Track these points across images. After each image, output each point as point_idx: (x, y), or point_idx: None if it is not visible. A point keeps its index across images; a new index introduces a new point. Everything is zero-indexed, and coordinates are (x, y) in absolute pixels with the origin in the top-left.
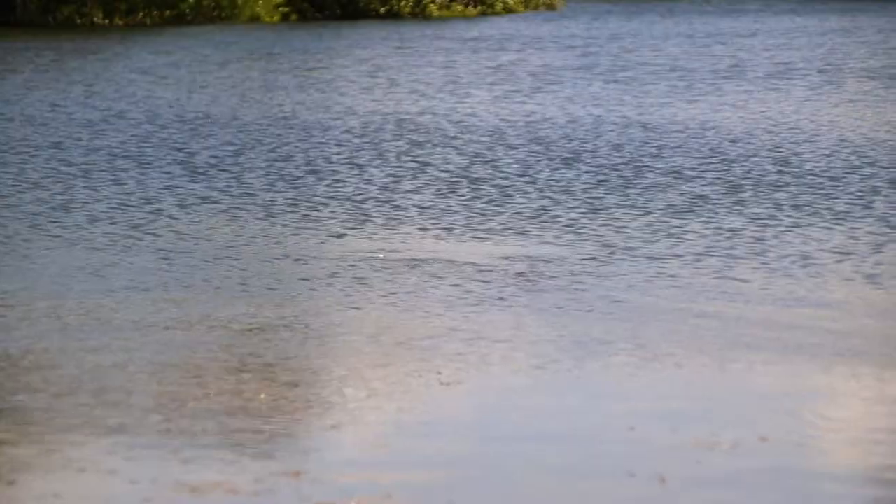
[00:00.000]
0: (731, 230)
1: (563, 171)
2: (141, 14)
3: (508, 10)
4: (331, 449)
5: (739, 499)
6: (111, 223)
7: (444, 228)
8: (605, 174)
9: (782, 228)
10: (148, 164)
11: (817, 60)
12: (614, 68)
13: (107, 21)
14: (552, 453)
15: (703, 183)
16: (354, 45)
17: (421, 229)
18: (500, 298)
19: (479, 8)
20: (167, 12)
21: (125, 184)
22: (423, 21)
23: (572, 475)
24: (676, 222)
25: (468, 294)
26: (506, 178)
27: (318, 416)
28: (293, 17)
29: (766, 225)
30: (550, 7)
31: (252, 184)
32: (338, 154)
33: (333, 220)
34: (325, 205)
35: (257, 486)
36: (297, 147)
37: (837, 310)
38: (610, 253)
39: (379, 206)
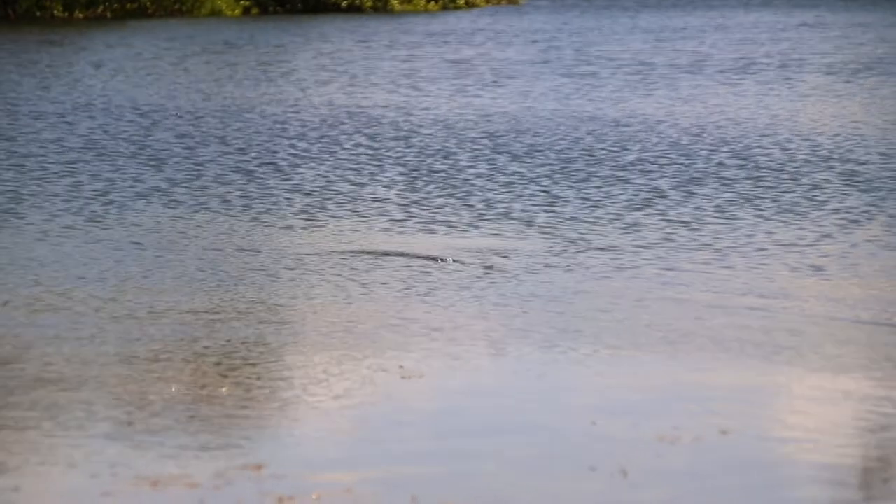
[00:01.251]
0: (686, 223)
1: (521, 164)
2: (101, 7)
3: (470, 5)
4: (292, 443)
5: (700, 491)
6: (66, 214)
7: (403, 222)
8: (563, 167)
9: (737, 221)
10: (106, 155)
11: (779, 55)
12: (575, 63)
13: (67, 14)
14: (514, 448)
15: (660, 176)
16: (315, 38)
17: (380, 222)
18: (461, 292)
19: (441, 2)
20: (128, 5)
21: (81, 175)
22: (385, 15)
23: (534, 469)
24: (633, 215)
25: (429, 288)
26: (464, 172)
27: (279, 410)
28: (254, 10)
29: (721, 217)
30: (512, 2)
31: (209, 176)
32: (295, 147)
33: (292, 213)
34: (285, 198)
35: (218, 479)
36: (254, 140)
37: (795, 303)
38: (568, 245)
39: (338, 199)
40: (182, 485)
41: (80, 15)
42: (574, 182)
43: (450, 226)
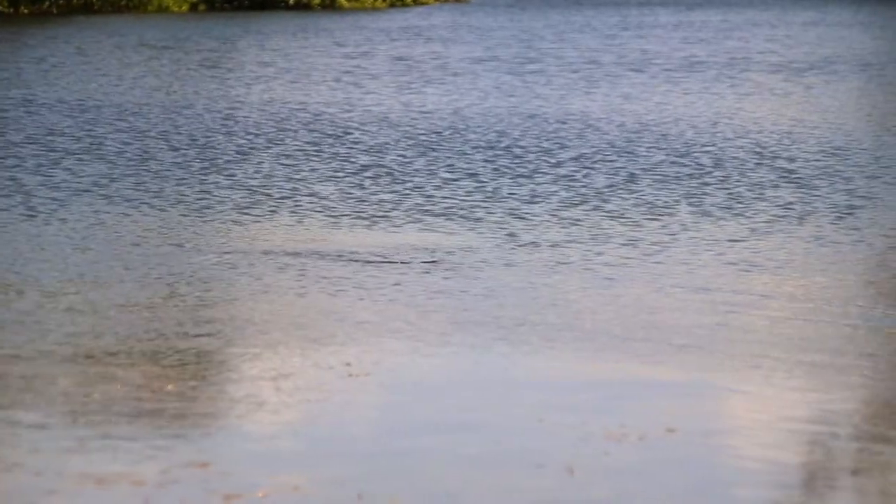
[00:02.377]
0: (627, 219)
1: (464, 160)
2: (47, 3)
3: (418, 3)
4: (238, 441)
5: (647, 489)
6: (5, 210)
7: (346, 218)
8: (505, 164)
9: (677, 217)
10: (51, 151)
11: (724, 54)
12: (521, 60)
13: (12, 10)
14: (461, 445)
15: (601, 173)
16: (261, 35)
17: (325, 219)
18: (407, 289)
19: (388, 0)
20: (74, 1)
21: (20, 171)
22: (333, 12)
23: (481, 467)
24: (573, 211)
25: (376, 285)
26: (406, 168)
27: (225, 407)
28: (201, 7)
29: (661, 214)
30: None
31: (152, 171)
32: (239, 143)
33: (237, 210)
34: (229, 194)
35: (164, 477)
36: (198, 136)
37: (737, 299)
38: (510, 242)
39: (282, 195)
40: (128, 483)
41: (26, 11)
42: (515, 178)
43: (392, 222)
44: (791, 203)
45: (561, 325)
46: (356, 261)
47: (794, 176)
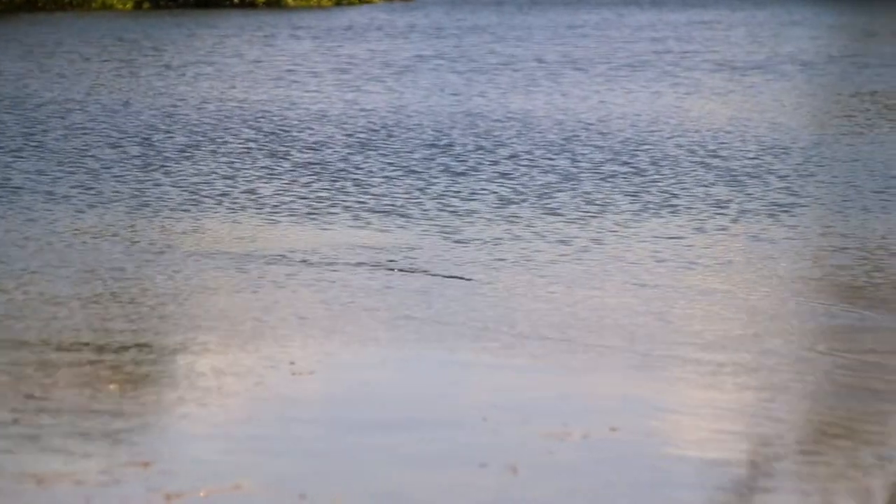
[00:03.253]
0: (566, 217)
1: (405, 158)
2: None
3: (365, 1)
4: (181, 439)
5: (590, 488)
6: None
7: (289, 216)
8: (447, 162)
9: (616, 215)
10: None
11: (669, 53)
12: (466, 59)
13: None
14: (405, 443)
15: (542, 170)
16: (206, 33)
17: (265, 217)
18: (351, 289)
19: None
20: None
21: None
22: (278, 11)
23: (424, 465)
24: (513, 209)
25: (319, 283)
26: (351, 167)
27: (167, 405)
28: (146, 5)
29: (601, 212)
30: None
31: (94, 169)
32: (182, 141)
33: (177, 208)
34: (169, 192)
35: (105, 477)
36: (140, 133)
37: (678, 298)
38: (451, 241)
39: (222, 193)
40: (68, 482)
41: None
42: (455, 176)
43: (332, 220)
44: (728, 200)
45: (502, 323)
46: (298, 259)
47: (731, 174)
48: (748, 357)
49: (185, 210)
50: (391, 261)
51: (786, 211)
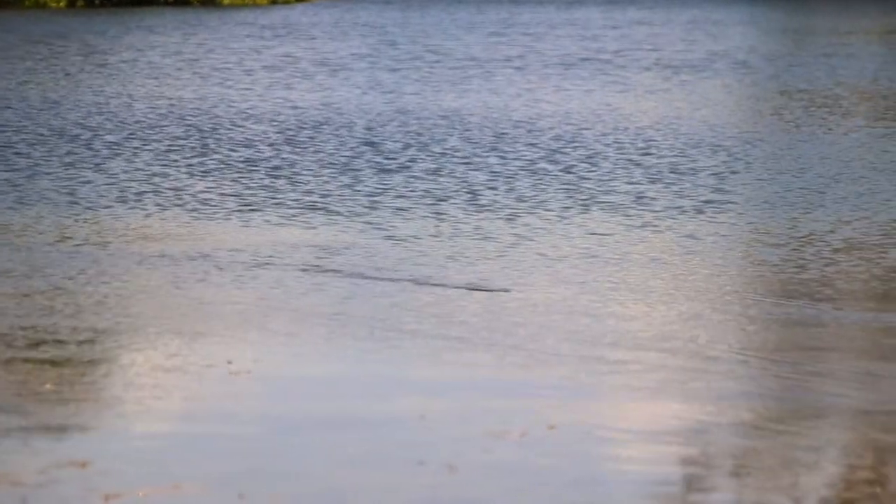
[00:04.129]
0: (496, 215)
1: (337, 156)
2: None
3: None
4: (118, 440)
5: (528, 486)
6: None
7: (222, 214)
8: (380, 160)
9: (546, 213)
10: None
11: (605, 52)
12: (404, 57)
13: None
14: (343, 442)
15: (473, 168)
16: (140, 31)
17: (199, 216)
18: (287, 287)
19: None
20: None
21: None
22: (213, 9)
23: (363, 464)
24: (444, 206)
25: (253, 282)
26: (283, 165)
27: (105, 405)
28: (80, 3)
29: (531, 209)
30: None
31: (25, 168)
32: (115, 139)
33: (110, 208)
34: (101, 191)
35: (42, 477)
36: (73, 132)
37: (610, 295)
38: (385, 239)
39: (155, 191)
40: (6, 483)
41: None
42: (388, 174)
43: (266, 218)
44: (658, 198)
45: (437, 323)
46: (232, 257)
47: (662, 171)
48: (683, 355)
49: (116, 208)
50: (323, 258)
51: (715, 208)
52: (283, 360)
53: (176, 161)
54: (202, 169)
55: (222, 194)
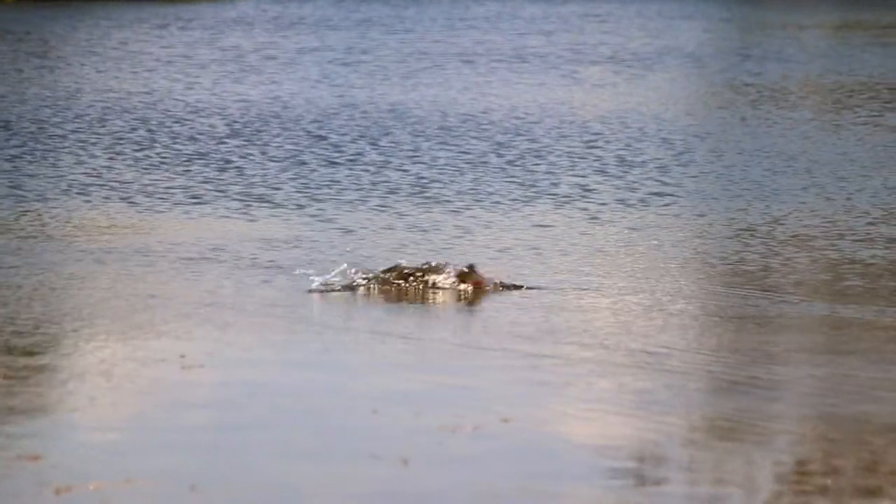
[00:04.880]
0: (447, 208)
1: (289, 150)
2: None
3: None
4: (71, 433)
5: (481, 478)
6: None
7: (170, 208)
8: (332, 153)
9: (497, 206)
10: None
11: (557, 46)
12: (353, 51)
13: None
14: (296, 436)
15: (421, 161)
16: (92, 25)
17: (147, 210)
18: (238, 282)
19: None
20: None
21: None
22: (164, 3)
23: (316, 458)
24: (392, 199)
25: (204, 276)
26: (232, 158)
27: (58, 400)
28: None
29: (481, 202)
30: None
31: None
32: (65, 134)
33: (56, 201)
34: (49, 185)
35: None
36: (23, 127)
37: (560, 290)
38: (339, 232)
39: (101, 185)
40: None
41: None
42: (337, 167)
43: (213, 212)
44: (605, 190)
45: (389, 317)
46: (181, 251)
47: (610, 164)
48: (629, 349)
49: (62, 201)
50: (270, 251)
51: (660, 200)
52: (236, 354)
53: (122, 154)
54: (149, 162)
55: (169, 187)
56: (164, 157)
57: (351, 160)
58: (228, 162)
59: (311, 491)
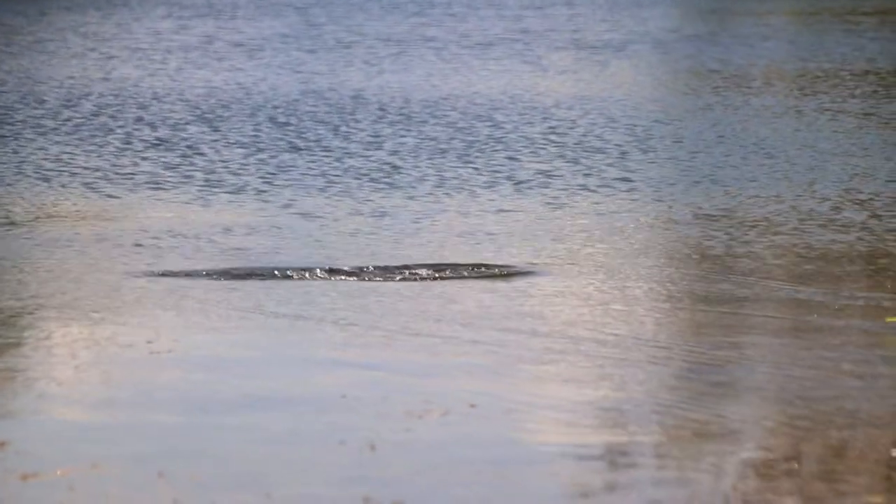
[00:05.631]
0: (407, 193)
1: (252, 136)
2: None
3: None
4: (36, 420)
5: (449, 464)
6: None
7: (131, 192)
8: (295, 139)
9: (456, 192)
10: None
11: (524, 32)
12: (321, 37)
13: None
14: (263, 422)
15: (383, 147)
16: (59, 11)
17: (111, 196)
18: (205, 266)
19: None
20: None
21: None
22: None
23: (283, 443)
24: (354, 185)
25: (166, 262)
26: (192, 146)
27: (22, 386)
28: None
29: (441, 187)
30: None
31: None
32: (25, 119)
33: (20, 187)
34: (10, 171)
35: None
36: None
37: (524, 278)
38: (302, 217)
39: (62, 170)
40: None
41: None
42: (299, 153)
43: (176, 198)
44: (567, 176)
45: (357, 305)
46: (145, 237)
47: (572, 150)
48: (594, 336)
49: (23, 187)
50: (233, 237)
51: (623, 186)
52: (204, 340)
53: (85, 141)
54: (111, 148)
55: (131, 174)
56: (126, 144)
57: (312, 147)
58: (191, 148)
59: (277, 476)
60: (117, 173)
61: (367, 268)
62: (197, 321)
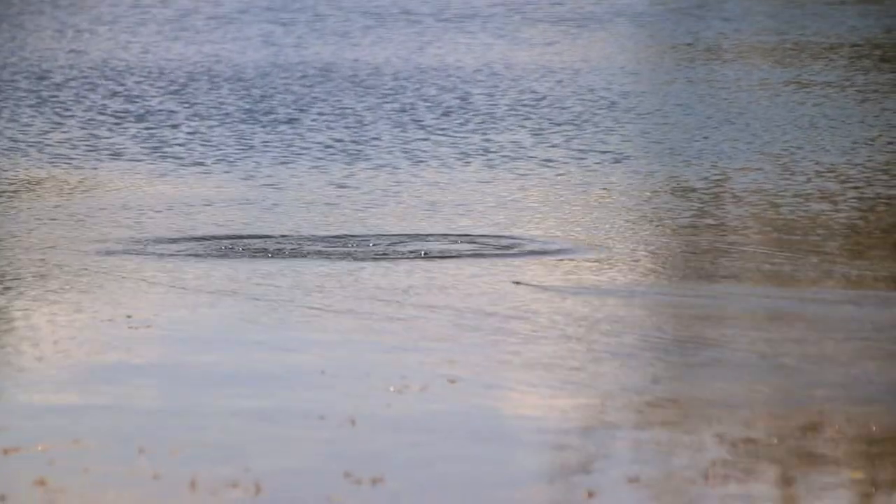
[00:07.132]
0: (381, 167)
1: (228, 110)
2: None
3: None
4: (16, 394)
5: (429, 439)
6: None
7: (104, 166)
8: (270, 114)
9: (431, 166)
10: None
11: (503, 5)
12: (298, 10)
13: None
14: (243, 397)
15: (361, 121)
16: None
17: (87, 170)
18: (188, 244)
19: None
20: None
21: None
22: None
23: (263, 419)
24: (329, 161)
25: (141, 235)
26: (162, 119)
27: (3, 361)
28: None
29: (418, 162)
30: None
31: None
32: (14, 94)
33: (12, 164)
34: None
35: None
36: None
37: (506, 252)
38: (278, 193)
39: (45, 144)
40: None
41: None
42: (276, 126)
43: (151, 171)
44: (542, 149)
45: (337, 281)
46: (122, 212)
47: (548, 123)
48: (575, 308)
49: (23, 166)
50: (205, 212)
51: (598, 159)
52: (184, 315)
53: (63, 114)
54: (80, 121)
55: (103, 148)
56: (96, 116)
57: (283, 121)
58: (161, 122)
59: (258, 451)
60: (86, 146)
61: (347, 244)
62: (177, 297)
